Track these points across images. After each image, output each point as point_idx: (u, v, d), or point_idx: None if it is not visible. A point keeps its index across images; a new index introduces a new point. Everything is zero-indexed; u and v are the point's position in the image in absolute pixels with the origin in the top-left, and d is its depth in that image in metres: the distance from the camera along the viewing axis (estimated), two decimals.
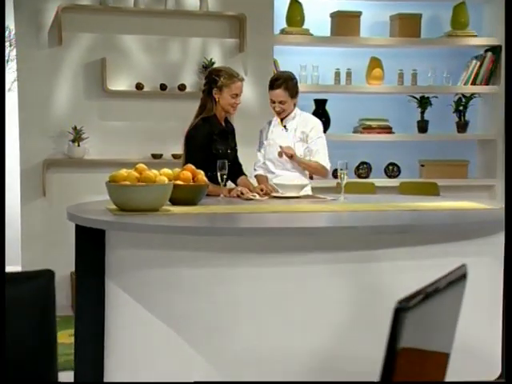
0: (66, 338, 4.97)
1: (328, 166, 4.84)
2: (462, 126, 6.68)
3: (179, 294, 3.45)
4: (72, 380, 3.86)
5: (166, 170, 3.86)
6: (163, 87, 5.72)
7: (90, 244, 3.67)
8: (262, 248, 3.40)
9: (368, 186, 5.87)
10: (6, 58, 6.16)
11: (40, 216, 5.59)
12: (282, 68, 6.07)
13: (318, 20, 6.30)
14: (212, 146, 4.50)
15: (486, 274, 3.78)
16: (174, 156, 5.70)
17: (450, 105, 6.69)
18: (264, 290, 3.40)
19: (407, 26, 6.41)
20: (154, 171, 3.75)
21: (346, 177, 4.42)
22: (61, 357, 2.91)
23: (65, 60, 5.52)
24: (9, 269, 5.91)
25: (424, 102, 6.57)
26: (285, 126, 4.74)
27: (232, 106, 4.50)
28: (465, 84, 6.61)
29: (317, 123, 4.88)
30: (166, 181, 3.68)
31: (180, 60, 5.80)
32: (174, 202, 3.74)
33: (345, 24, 6.29)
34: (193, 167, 4.01)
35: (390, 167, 6.49)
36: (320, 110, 6.15)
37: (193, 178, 3.91)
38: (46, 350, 2.00)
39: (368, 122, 6.39)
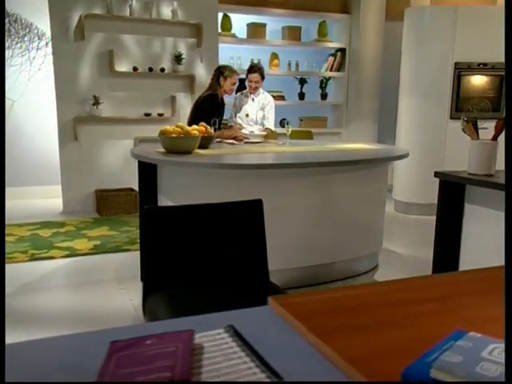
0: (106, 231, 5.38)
1: (273, 128, 5.15)
2: (323, 96, 7.18)
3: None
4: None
5: (196, 127, 3.92)
6: (150, 69, 5.88)
7: (149, 173, 3.79)
8: (257, 176, 3.50)
9: (273, 134, 6.49)
10: (37, 48, 6.15)
11: (73, 154, 5.76)
12: (220, 56, 6.26)
13: (239, 27, 6.57)
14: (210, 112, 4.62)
15: (378, 187, 4.05)
16: (159, 114, 5.96)
17: (317, 83, 7.15)
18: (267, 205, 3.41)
19: (292, 33, 6.78)
20: (188, 127, 3.84)
21: (290, 129, 4.77)
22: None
23: (86, 50, 5.64)
24: (53, 187, 6.29)
25: (302, 81, 7.01)
26: (253, 99, 5.06)
27: (230, 90, 4.72)
28: (325, 71, 7.06)
29: (271, 100, 5.13)
30: (198, 134, 3.80)
31: (160, 52, 5.95)
32: None
33: (256, 31, 6.61)
34: (205, 124, 4.09)
35: (283, 121, 6.55)
36: (242, 85, 6.59)
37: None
38: (261, 253, 2.12)
39: (270, 93, 6.83)
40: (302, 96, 7.08)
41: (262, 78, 5.00)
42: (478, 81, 5.66)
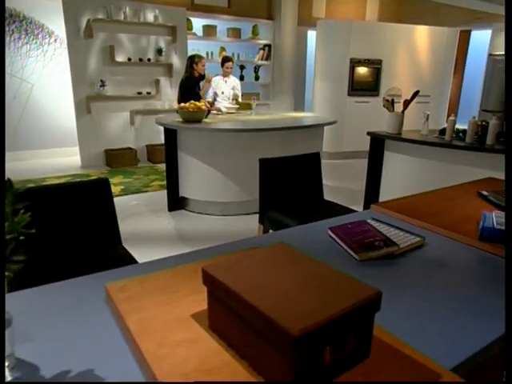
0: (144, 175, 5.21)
1: (240, 100, 5.26)
2: (257, 78, 7.25)
3: (212, 155, 3.67)
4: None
5: (201, 103, 3.90)
6: (140, 59, 5.77)
7: (170, 137, 3.72)
8: (246, 136, 3.60)
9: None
10: (48, 43, 5.74)
11: (87, 123, 5.63)
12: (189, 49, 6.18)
13: (198, 28, 6.49)
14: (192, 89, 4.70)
15: (318, 141, 4.12)
16: (147, 93, 5.89)
17: (252, 69, 7.22)
18: (254, 155, 3.36)
19: (235, 33, 6.80)
20: (198, 103, 3.84)
21: (255, 102, 5.02)
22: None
23: (93, 46, 5.45)
24: (70, 148, 6.15)
25: (242, 67, 7.05)
26: (226, 81, 5.13)
27: (202, 70, 4.71)
28: (257, 60, 7.12)
29: (238, 82, 5.22)
30: (205, 108, 3.89)
31: (147, 46, 5.82)
32: None
33: (209, 31, 6.54)
34: (204, 101, 4.11)
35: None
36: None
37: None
38: (319, 183, 2.31)
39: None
40: (242, 78, 7.12)
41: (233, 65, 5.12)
42: (364, 71, 6.33)
